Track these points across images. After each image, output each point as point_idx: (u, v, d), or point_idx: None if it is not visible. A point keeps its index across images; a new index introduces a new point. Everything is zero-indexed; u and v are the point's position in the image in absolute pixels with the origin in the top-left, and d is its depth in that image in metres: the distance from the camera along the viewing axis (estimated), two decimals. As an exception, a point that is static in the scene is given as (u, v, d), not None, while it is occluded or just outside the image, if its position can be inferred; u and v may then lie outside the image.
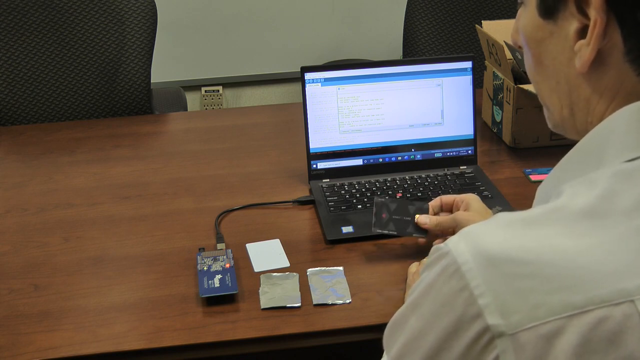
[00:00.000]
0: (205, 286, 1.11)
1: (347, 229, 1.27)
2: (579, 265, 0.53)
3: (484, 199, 1.35)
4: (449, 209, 1.19)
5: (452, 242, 0.57)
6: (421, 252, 1.20)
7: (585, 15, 0.59)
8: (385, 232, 1.18)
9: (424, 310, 0.59)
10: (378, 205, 1.19)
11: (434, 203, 1.20)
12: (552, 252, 0.54)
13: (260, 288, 1.13)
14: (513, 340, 0.53)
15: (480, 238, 0.56)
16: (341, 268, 1.18)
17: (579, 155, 0.63)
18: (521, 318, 0.53)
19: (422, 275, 0.61)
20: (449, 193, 1.37)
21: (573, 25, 0.60)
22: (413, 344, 0.60)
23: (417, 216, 1.17)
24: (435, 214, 1.19)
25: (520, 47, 0.72)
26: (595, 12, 0.58)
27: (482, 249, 0.55)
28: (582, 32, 0.60)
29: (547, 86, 0.67)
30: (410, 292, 0.62)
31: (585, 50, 0.60)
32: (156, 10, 1.95)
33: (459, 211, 1.15)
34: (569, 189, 0.59)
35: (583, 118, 0.65)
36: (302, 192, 1.42)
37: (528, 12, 0.65)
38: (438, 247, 0.59)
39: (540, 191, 0.69)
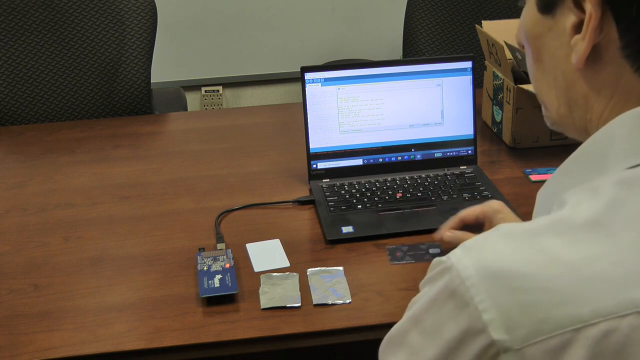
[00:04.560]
0: (205, 286, 1.11)
1: (347, 229, 1.27)
2: (584, 277, 0.52)
3: (483, 199, 1.35)
4: (473, 224, 1.16)
5: (455, 256, 0.56)
6: (421, 252, 1.20)
7: (582, 10, 0.59)
8: (404, 262, 1.19)
9: (426, 325, 0.57)
10: (391, 250, 1.22)
11: (453, 224, 1.17)
12: (556, 265, 0.53)
13: (260, 288, 1.13)
14: (519, 355, 0.52)
15: (483, 252, 0.55)
16: (341, 268, 1.18)
17: (579, 162, 0.62)
18: (527, 333, 0.52)
19: (422, 289, 0.60)
20: (449, 193, 1.37)
21: (570, 20, 0.60)
22: None
23: (443, 234, 1.16)
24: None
25: (523, 46, 0.72)
26: (590, 5, 0.57)
27: (486, 263, 0.54)
28: (578, 27, 0.60)
29: (545, 83, 0.67)
30: (409, 306, 0.61)
31: (580, 44, 0.59)
32: (156, 11, 1.95)
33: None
34: (572, 198, 0.58)
35: (581, 115, 0.64)
36: (302, 192, 1.42)
37: (528, 8, 0.66)
38: (440, 260, 0.58)
39: (540, 197, 0.68)
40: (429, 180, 1.42)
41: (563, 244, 0.54)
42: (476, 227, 1.16)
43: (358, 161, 1.44)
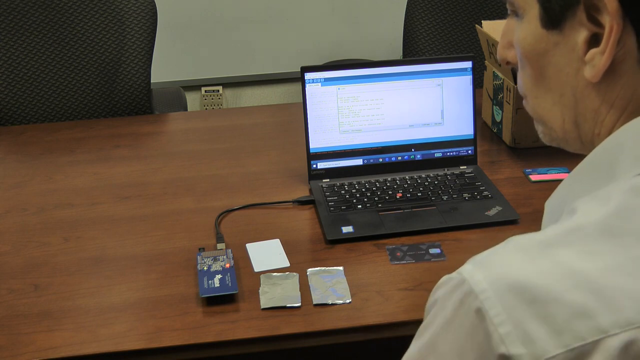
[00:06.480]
0: (205, 286, 1.11)
1: (347, 229, 1.27)
2: (601, 288, 0.51)
3: (483, 199, 1.35)
4: None
5: (467, 272, 0.54)
6: (421, 252, 1.20)
7: (596, 23, 0.57)
8: (404, 262, 1.19)
9: (444, 349, 0.55)
10: (391, 250, 1.22)
11: None
12: (572, 276, 0.52)
13: (260, 288, 1.13)
14: None
15: (496, 265, 0.54)
16: (341, 268, 1.18)
17: (588, 170, 0.61)
18: (545, 346, 0.50)
19: (432, 308, 0.57)
20: (449, 193, 1.37)
21: (582, 34, 0.59)
22: None
23: None
24: None
25: (508, 63, 0.69)
26: (610, 18, 0.56)
27: (499, 276, 0.53)
28: (591, 41, 0.58)
29: (548, 100, 0.65)
30: (419, 331, 0.58)
31: (599, 58, 0.58)
32: (156, 10, 1.95)
33: None
34: (583, 206, 0.57)
35: (589, 129, 0.63)
36: (302, 192, 1.42)
37: (527, 24, 0.63)
38: (449, 277, 0.56)
39: (549, 206, 0.66)
40: (429, 180, 1.42)
41: (577, 255, 0.53)
42: None
43: (358, 161, 1.44)
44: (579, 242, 0.54)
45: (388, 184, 1.41)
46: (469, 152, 1.47)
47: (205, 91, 3.02)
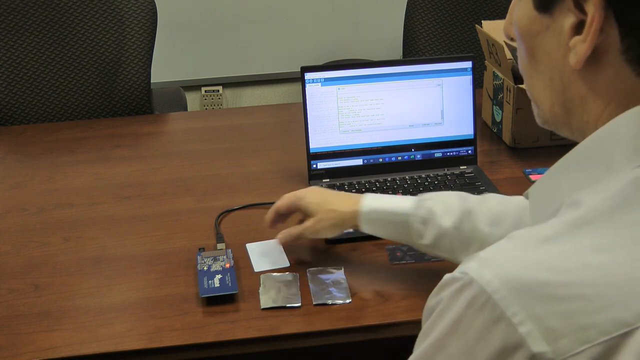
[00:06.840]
0: (205, 286, 1.11)
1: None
2: (619, 280, 0.50)
3: (484, 199, 1.35)
4: (288, 213, 1.20)
5: (474, 271, 0.53)
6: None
7: (582, 11, 0.58)
8: (404, 262, 1.19)
9: (453, 350, 0.54)
10: (391, 250, 1.22)
11: (272, 217, 1.19)
12: (588, 270, 0.51)
13: (260, 288, 1.13)
14: None
15: (505, 262, 0.53)
16: (341, 268, 1.18)
17: (581, 159, 0.61)
18: (570, 342, 0.49)
19: (434, 311, 0.56)
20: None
21: (569, 20, 0.59)
22: None
23: (279, 239, 1.19)
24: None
25: (512, 39, 0.70)
26: (593, 7, 0.56)
27: (512, 274, 0.51)
28: (577, 28, 0.59)
29: (540, 81, 0.65)
30: (422, 333, 0.57)
31: (580, 46, 0.58)
32: (156, 10, 1.95)
33: (305, 225, 1.15)
34: (585, 199, 0.56)
35: (579, 117, 0.63)
36: (302, 192, 1.42)
37: (524, 4, 0.64)
38: (453, 277, 0.55)
39: (537, 195, 0.66)
40: (429, 180, 1.42)
41: (589, 248, 0.52)
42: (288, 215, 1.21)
43: (358, 161, 1.44)
44: (588, 235, 0.53)
45: (388, 184, 1.41)
46: (469, 152, 1.47)
47: (205, 91, 3.02)
